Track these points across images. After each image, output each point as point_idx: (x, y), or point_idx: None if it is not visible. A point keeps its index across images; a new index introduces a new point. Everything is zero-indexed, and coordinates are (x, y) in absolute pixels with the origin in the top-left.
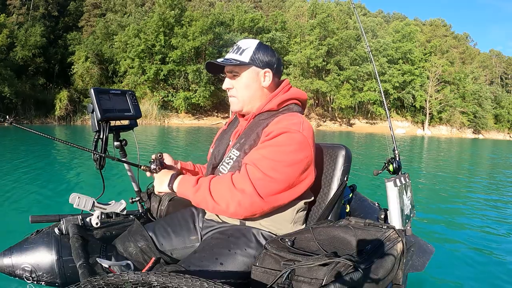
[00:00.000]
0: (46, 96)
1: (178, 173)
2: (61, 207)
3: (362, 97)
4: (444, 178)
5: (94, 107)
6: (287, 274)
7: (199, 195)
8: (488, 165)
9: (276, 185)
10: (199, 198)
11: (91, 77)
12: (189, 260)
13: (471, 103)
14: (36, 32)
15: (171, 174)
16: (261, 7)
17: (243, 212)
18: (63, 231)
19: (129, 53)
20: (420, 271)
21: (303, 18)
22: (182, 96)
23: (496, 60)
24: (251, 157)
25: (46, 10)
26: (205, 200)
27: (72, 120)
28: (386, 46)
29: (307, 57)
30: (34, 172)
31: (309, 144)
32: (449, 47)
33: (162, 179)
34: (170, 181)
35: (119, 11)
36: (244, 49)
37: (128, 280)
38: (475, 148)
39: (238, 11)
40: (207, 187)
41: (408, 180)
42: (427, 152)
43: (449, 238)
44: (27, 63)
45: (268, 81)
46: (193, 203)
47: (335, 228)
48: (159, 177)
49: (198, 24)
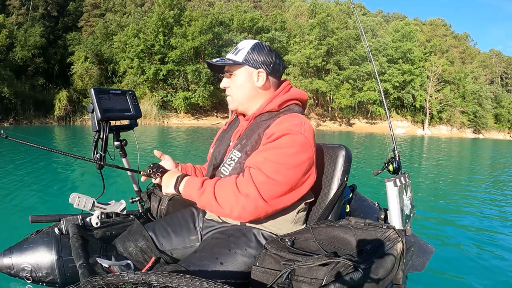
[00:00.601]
0: (46, 96)
1: (184, 175)
2: (61, 207)
3: (362, 97)
4: (444, 178)
5: (94, 107)
6: (287, 274)
7: (204, 198)
8: (489, 165)
9: (280, 188)
10: (204, 201)
11: (91, 77)
12: (189, 260)
13: (471, 102)
14: (36, 32)
15: (177, 176)
16: (261, 7)
17: (248, 216)
18: (63, 231)
19: (129, 53)
20: (420, 271)
21: (302, 18)
22: (182, 96)
23: (496, 60)
24: (254, 160)
25: (45, 10)
26: (210, 204)
27: (72, 120)
28: (386, 46)
29: (306, 57)
30: (34, 172)
31: (310, 145)
32: (449, 46)
33: (168, 180)
34: (176, 183)
35: (118, 11)
36: (240, 49)
37: (128, 280)
38: (475, 148)
39: (237, 11)
40: (211, 191)
41: (408, 180)
42: (427, 152)
43: (449, 238)
44: (26, 63)
45: (262, 81)
46: (198, 206)
47: (335, 228)
48: (165, 179)
49: (197, 24)
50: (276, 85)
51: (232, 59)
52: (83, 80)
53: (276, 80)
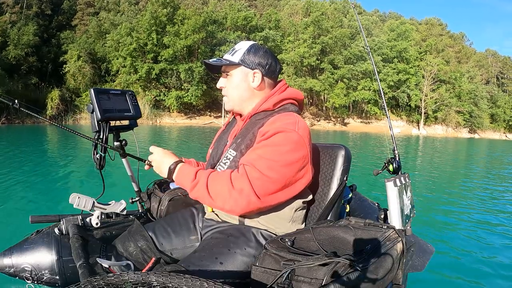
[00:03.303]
0: (38, 95)
1: (178, 161)
2: (61, 207)
3: (357, 96)
4: (444, 177)
5: (94, 107)
6: (287, 274)
7: (196, 190)
8: (487, 164)
9: (273, 185)
10: (196, 193)
11: (84, 76)
12: (189, 260)
13: (467, 102)
14: (29, 31)
15: (170, 164)
16: (256, 5)
17: (239, 210)
18: (63, 231)
19: (121, 52)
20: (420, 271)
21: (297, 17)
22: (174, 95)
23: (492, 60)
24: (248, 157)
25: (39, 9)
26: (202, 196)
27: (64, 119)
28: (381, 45)
29: (300, 56)
30: (34, 172)
31: (305, 143)
32: (445, 46)
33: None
34: (169, 172)
35: (112, 10)
36: (237, 50)
37: (128, 280)
38: (471, 148)
39: (231, 9)
40: (204, 183)
41: (408, 180)
42: (425, 152)
43: (449, 238)
44: (19, 62)
45: (257, 82)
46: (190, 196)
47: (335, 228)
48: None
49: (190, 23)
50: (272, 86)
51: (228, 59)
52: (75, 79)
53: (271, 81)
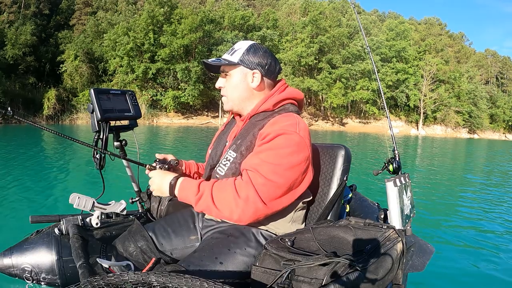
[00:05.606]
0: (35, 95)
1: (178, 177)
2: (61, 207)
3: (355, 96)
4: (443, 177)
5: (94, 107)
6: (287, 274)
7: (202, 203)
8: (486, 165)
9: (279, 190)
10: (201, 206)
11: (81, 76)
12: (189, 260)
13: (466, 102)
14: (27, 30)
15: (170, 180)
16: (254, 5)
17: (247, 219)
18: (63, 231)
19: (118, 51)
20: (420, 271)
21: (295, 16)
22: (171, 95)
23: (492, 60)
24: (251, 162)
25: (37, 9)
26: (208, 208)
27: (61, 119)
28: (379, 44)
29: (298, 55)
30: (34, 172)
31: (306, 144)
32: (444, 45)
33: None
34: (170, 188)
35: (110, 9)
36: (236, 50)
37: (128, 280)
38: (471, 148)
39: (228, 8)
40: (209, 195)
41: (408, 180)
42: (424, 152)
43: (449, 237)
44: (17, 62)
45: (257, 82)
46: (196, 210)
47: (335, 228)
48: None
49: (187, 22)
50: (271, 86)
51: (227, 59)
52: (72, 79)
53: (271, 81)
